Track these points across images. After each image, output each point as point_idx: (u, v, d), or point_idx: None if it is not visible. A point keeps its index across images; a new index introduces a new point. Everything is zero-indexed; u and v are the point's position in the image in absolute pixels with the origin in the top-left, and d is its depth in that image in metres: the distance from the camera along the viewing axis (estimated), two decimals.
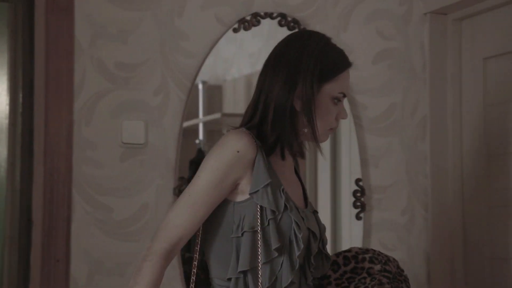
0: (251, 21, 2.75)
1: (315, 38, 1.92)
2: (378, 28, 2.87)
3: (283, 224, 1.84)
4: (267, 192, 1.84)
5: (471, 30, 2.85)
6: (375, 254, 1.99)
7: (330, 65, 1.88)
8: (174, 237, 1.82)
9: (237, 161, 1.83)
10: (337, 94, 1.89)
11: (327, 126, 1.91)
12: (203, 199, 1.83)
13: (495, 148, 2.77)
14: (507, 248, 2.69)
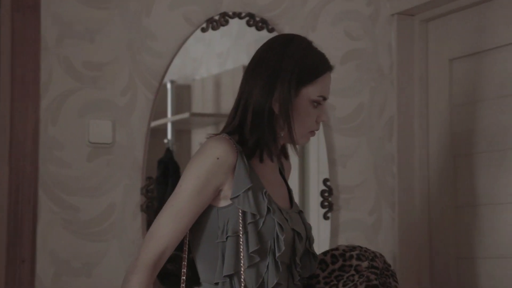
0: (220, 21, 2.75)
1: (295, 41, 1.94)
2: (346, 28, 2.89)
3: (266, 226, 1.87)
4: (248, 196, 1.86)
5: (438, 31, 2.88)
6: (362, 251, 2.01)
7: (309, 69, 1.90)
8: (160, 248, 1.85)
9: (217, 168, 1.86)
10: (316, 97, 1.91)
11: (307, 128, 1.93)
12: (186, 207, 1.86)
13: (461, 149, 2.79)
14: (473, 248, 2.72)
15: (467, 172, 2.75)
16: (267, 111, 1.89)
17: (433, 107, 2.90)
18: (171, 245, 1.86)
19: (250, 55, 3.09)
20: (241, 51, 3.10)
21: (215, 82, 3.16)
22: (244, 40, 3.05)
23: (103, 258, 2.56)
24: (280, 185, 2.00)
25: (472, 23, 2.74)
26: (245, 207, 1.86)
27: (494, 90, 2.68)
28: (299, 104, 1.91)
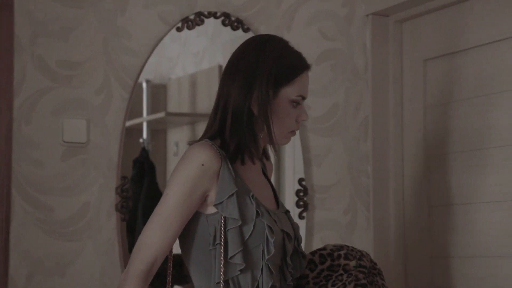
0: (195, 20, 2.74)
1: (272, 42, 1.94)
2: (321, 28, 2.90)
3: (256, 230, 1.87)
4: (232, 201, 1.86)
5: (412, 32, 2.90)
6: (349, 250, 2.02)
7: (286, 69, 1.91)
8: (149, 258, 1.85)
9: (202, 174, 1.86)
10: (295, 97, 1.92)
11: (287, 128, 1.94)
12: (173, 216, 1.86)
13: (435, 149, 2.81)
14: (447, 247, 2.73)
15: (441, 172, 2.77)
16: (246, 113, 1.89)
17: (408, 107, 2.92)
18: (161, 254, 1.87)
19: (226, 54, 3.12)
20: (217, 50, 3.10)
21: (191, 81, 3.16)
22: (220, 39, 3.06)
23: (78, 258, 2.55)
24: (265, 186, 2.00)
25: (446, 24, 2.75)
26: (228, 213, 1.86)
27: (468, 91, 2.70)
28: (278, 105, 1.91)
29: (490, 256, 2.58)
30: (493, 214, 2.58)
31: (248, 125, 1.90)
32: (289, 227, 1.96)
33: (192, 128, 3.15)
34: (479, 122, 2.65)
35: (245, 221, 1.87)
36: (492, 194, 2.59)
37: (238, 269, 1.86)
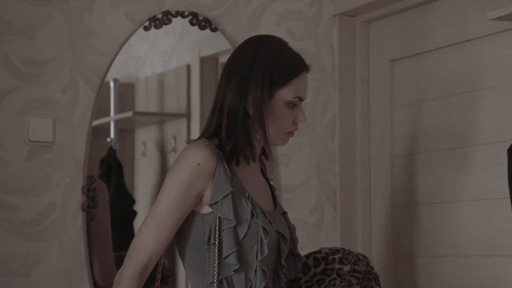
0: (162, 19, 2.74)
1: (268, 43, 1.95)
2: (289, 28, 2.90)
3: (251, 231, 1.88)
4: (227, 202, 1.87)
5: (379, 33, 2.91)
6: (345, 254, 2.01)
7: (282, 71, 1.91)
8: (144, 258, 1.86)
9: (198, 174, 1.86)
10: (291, 99, 1.92)
11: (284, 130, 1.95)
12: (169, 216, 1.86)
13: (401, 149, 2.83)
14: (412, 247, 2.75)
15: (407, 171, 2.79)
16: (241, 114, 1.90)
17: (375, 107, 2.93)
18: (156, 255, 1.87)
19: (194, 54, 3.12)
20: (185, 50, 3.10)
21: (159, 81, 3.15)
22: (188, 39, 3.05)
23: (43, 258, 2.53)
24: (262, 187, 2.01)
25: (412, 24, 2.77)
26: (222, 213, 1.87)
27: (434, 91, 2.72)
28: (274, 106, 1.92)
29: (457, 255, 2.60)
30: (458, 213, 2.60)
31: (243, 126, 1.91)
32: (285, 229, 1.97)
33: (160, 128, 3.14)
34: (445, 123, 2.67)
35: (239, 222, 1.88)
36: (457, 194, 2.61)
37: (232, 269, 1.87)
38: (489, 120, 2.51)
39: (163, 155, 3.11)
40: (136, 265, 1.86)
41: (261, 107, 1.90)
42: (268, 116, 1.92)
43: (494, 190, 2.46)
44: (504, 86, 2.47)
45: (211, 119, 1.95)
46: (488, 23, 2.38)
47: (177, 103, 3.10)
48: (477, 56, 2.55)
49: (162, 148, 3.12)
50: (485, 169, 2.51)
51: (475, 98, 2.57)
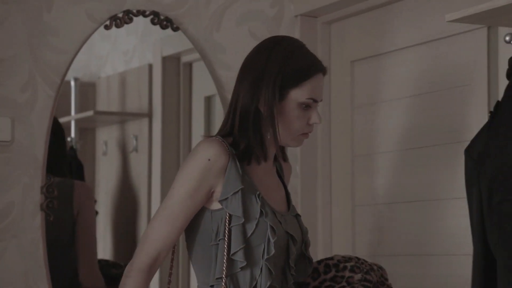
0: (123, 18, 2.72)
1: (283, 43, 1.96)
2: (251, 29, 2.91)
3: (259, 229, 1.88)
4: (237, 199, 1.88)
5: (340, 33, 2.93)
6: (357, 263, 1.98)
7: (295, 71, 1.91)
8: (153, 251, 1.88)
9: (209, 170, 1.88)
10: (304, 100, 1.92)
11: (297, 131, 1.94)
12: (179, 210, 1.88)
13: (362, 149, 2.85)
14: (372, 246, 2.77)
15: (367, 171, 2.81)
16: (252, 114, 1.91)
17: (335, 107, 2.95)
18: (165, 248, 1.89)
19: (156, 53, 3.11)
20: (147, 49, 3.09)
21: (121, 80, 3.14)
22: (150, 38, 3.05)
23: (1, 258, 2.50)
24: (277, 188, 2.00)
25: (373, 26, 2.79)
26: (231, 210, 1.88)
27: (394, 92, 2.74)
28: (286, 106, 1.92)
29: (416, 254, 2.62)
30: (418, 213, 2.63)
31: (254, 125, 1.92)
32: (296, 230, 1.96)
33: (121, 127, 3.13)
34: (405, 123, 2.69)
35: (248, 219, 1.88)
36: (417, 194, 2.63)
37: (239, 266, 1.88)
38: (448, 120, 2.54)
39: (124, 154, 3.10)
40: (145, 257, 1.88)
41: (272, 107, 1.90)
42: (281, 117, 1.92)
43: (452, 190, 2.48)
44: (462, 87, 2.50)
45: (227, 118, 1.97)
46: (446, 25, 2.41)
47: (139, 102, 3.09)
48: (436, 58, 2.58)
49: (123, 148, 3.11)
50: (444, 169, 2.54)
51: (434, 99, 2.60)
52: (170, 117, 3.01)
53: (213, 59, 2.83)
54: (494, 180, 1.86)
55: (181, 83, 3.06)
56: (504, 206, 1.82)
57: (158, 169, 3.01)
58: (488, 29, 2.40)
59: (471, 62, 2.45)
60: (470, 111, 2.46)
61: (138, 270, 1.88)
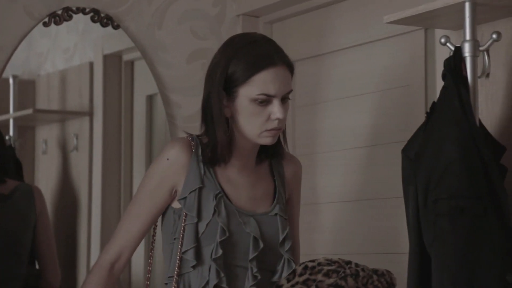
0: (63, 15, 2.68)
1: (235, 40, 1.94)
2: (193, 27, 2.90)
3: (210, 229, 1.89)
4: (194, 197, 1.90)
5: (282, 33, 2.94)
6: (339, 267, 1.88)
7: (241, 68, 1.88)
8: (115, 249, 1.92)
9: (167, 169, 1.91)
10: (255, 96, 1.88)
11: (259, 128, 1.90)
12: (139, 209, 1.93)
13: (303, 148, 2.86)
14: (313, 246, 2.79)
15: (309, 171, 2.82)
16: (209, 116, 1.94)
17: None
18: (127, 245, 1.92)
19: (97, 51, 3.08)
20: (88, 47, 3.06)
21: (61, 78, 3.10)
22: (91, 36, 3.01)
23: None
24: (251, 187, 1.97)
25: (314, 26, 2.81)
26: (187, 209, 1.89)
27: (335, 92, 2.76)
28: (240, 104, 1.90)
29: (356, 253, 2.64)
30: (359, 212, 2.65)
31: (211, 127, 1.93)
32: (269, 230, 1.94)
33: (61, 126, 3.09)
34: (346, 123, 2.71)
35: (201, 218, 1.90)
36: (358, 193, 2.65)
37: (190, 265, 1.89)
38: (388, 120, 2.57)
39: (64, 153, 3.06)
40: (106, 254, 1.91)
41: (220, 108, 1.90)
42: (239, 116, 1.90)
43: (391, 190, 2.51)
44: (401, 87, 2.53)
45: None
46: (385, 26, 2.43)
47: (80, 101, 3.06)
48: (375, 59, 2.60)
49: (63, 147, 3.07)
50: (384, 168, 2.56)
51: (373, 99, 2.62)
52: (111, 116, 2.98)
53: (154, 57, 2.82)
54: (429, 179, 1.88)
55: (122, 81, 3.03)
56: (439, 205, 1.85)
57: (99, 168, 2.99)
58: (426, 31, 2.43)
59: (409, 63, 2.48)
60: (409, 111, 2.49)
61: (99, 266, 1.91)
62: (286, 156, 2.08)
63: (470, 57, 1.95)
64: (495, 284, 1.78)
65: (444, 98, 1.93)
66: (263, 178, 2.01)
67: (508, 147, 2.00)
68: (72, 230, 3.02)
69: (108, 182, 2.94)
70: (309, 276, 1.86)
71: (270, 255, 1.95)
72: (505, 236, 1.82)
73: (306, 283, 1.85)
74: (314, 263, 1.90)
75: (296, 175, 2.09)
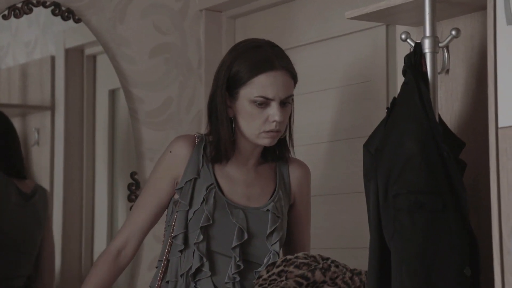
0: (22, 8, 2.66)
1: (239, 46, 2.05)
2: (155, 22, 2.89)
3: (196, 216, 2.01)
4: (189, 187, 2.02)
5: (245, 28, 2.94)
6: (313, 261, 1.96)
7: (243, 71, 1.99)
8: (122, 236, 2.07)
9: (170, 161, 2.06)
10: (253, 97, 1.98)
11: (257, 129, 2.01)
12: (144, 200, 2.08)
13: None
14: None
15: None
16: (213, 116, 2.03)
17: None
18: (134, 234, 2.07)
19: (58, 45, 3.05)
20: (49, 40, 3.03)
21: (22, 72, 3.06)
22: (52, 29, 2.98)
23: None
24: (248, 185, 2.07)
25: (277, 21, 2.82)
26: (181, 198, 2.03)
27: (297, 88, 2.74)
28: (241, 105, 2.00)
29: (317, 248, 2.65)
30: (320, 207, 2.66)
31: (215, 126, 2.03)
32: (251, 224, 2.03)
33: (22, 120, 3.06)
34: (308, 118, 2.72)
35: (191, 206, 2.02)
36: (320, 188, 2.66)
37: (178, 249, 2.02)
38: (350, 116, 2.58)
39: (26, 148, 3.03)
40: (114, 241, 2.07)
41: (222, 109, 2.01)
42: (240, 116, 2.01)
43: (353, 185, 2.53)
44: (363, 83, 2.55)
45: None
46: (347, 22, 2.44)
47: (41, 95, 3.03)
48: (337, 54, 2.62)
49: (24, 141, 3.04)
50: (346, 163, 2.58)
51: (335, 95, 2.64)
52: (73, 110, 2.96)
53: (116, 52, 2.80)
54: (390, 174, 1.90)
55: (84, 76, 3.01)
56: (399, 200, 1.86)
57: (61, 163, 2.96)
58: (387, 27, 2.45)
59: (371, 59, 2.50)
60: (370, 107, 2.51)
61: (106, 252, 2.07)
62: (293, 161, 2.17)
63: (430, 53, 1.96)
64: (453, 278, 1.80)
65: (404, 93, 1.95)
66: (263, 178, 2.11)
67: (467, 143, 2.02)
68: None
69: (70, 177, 2.92)
70: (283, 268, 1.94)
71: (257, 248, 2.04)
72: (463, 231, 1.84)
73: (279, 274, 1.94)
74: (292, 256, 1.98)
75: (302, 180, 2.18)
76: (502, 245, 1.70)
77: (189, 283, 2.00)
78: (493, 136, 1.73)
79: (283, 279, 1.95)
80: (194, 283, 2.00)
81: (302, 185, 2.17)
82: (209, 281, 2.00)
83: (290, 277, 1.94)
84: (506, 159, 1.70)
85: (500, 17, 1.72)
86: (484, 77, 2.01)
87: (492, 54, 1.74)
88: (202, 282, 2.00)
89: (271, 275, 1.97)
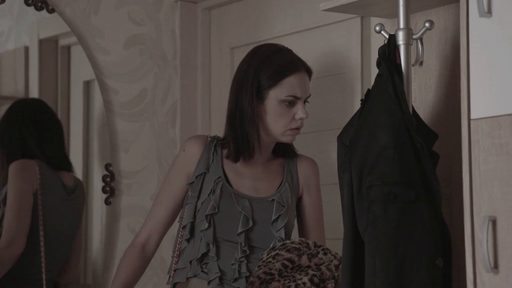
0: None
1: (262, 49, 2.17)
2: (130, 13, 2.87)
3: (204, 206, 2.13)
4: (199, 181, 2.15)
5: (220, 20, 2.93)
6: (305, 247, 2.08)
7: (271, 73, 2.13)
8: (144, 231, 2.21)
9: (183, 159, 2.19)
10: (283, 97, 2.13)
11: (284, 126, 2.15)
12: (161, 196, 2.21)
13: None
14: None
15: None
16: (237, 118, 2.13)
17: (216, 93, 2.96)
18: (155, 229, 2.20)
19: (32, 35, 3.03)
20: (23, 31, 3.00)
21: None
22: (26, 20, 2.96)
23: None
24: (256, 178, 2.19)
25: (252, 13, 2.81)
26: (192, 190, 2.15)
27: None
28: (270, 105, 2.13)
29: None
30: None
31: (241, 126, 2.13)
32: (261, 213, 2.14)
33: None
34: None
35: (199, 198, 2.15)
36: None
37: (185, 238, 2.15)
38: (325, 107, 2.59)
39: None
40: (139, 235, 2.21)
41: (253, 108, 2.12)
42: (267, 115, 2.14)
43: (328, 176, 2.53)
44: (337, 75, 2.55)
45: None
46: (322, 14, 2.45)
47: (15, 85, 3.01)
48: (312, 46, 2.62)
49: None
50: (320, 155, 2.59)
51: (311, 86, 2.64)
52: (47, 102, 2.94)
53: (91, 43, 2.79)
54: (363, 166, 1.90)
55: (59, 66, 2.99)
56: (372, 191, 1.87)
57: None
58: (362, 19, 2.45)
59: (346, 51, 2.50)
60: (345, 98, 2.51)
61: (131, 247, 2.21)
62: (301, 156, 2.29)
63: (404, 45, 1.97)
64: (425, 269, 1.81)
65: (378, 85, 1.95)
66: (271, 173, 2.22)
67: (440, 134, 2.04)
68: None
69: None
70: (278, 251, 2.07)
71: (262, 234, 2.14)
72: (436, 222, 1.86)
73: (274, 257, 2.06)
74: (288, 242, 2.10)
75: (309, 174, 2.28)
76: (474, 236, 1.71)
77: (197, 268, 2.12)
78: (466, 128, 1.74)
79: (275, 262, 2.05)
80: (200, 267, 2.12)
81: (310, 178, 2.26)
82: (215, 265, 2.11)
83: (279, 259, 2.05)
84: (478, 150, 1.72)
85: (473, 9, 1.73)
86: (457, 69, 2.02)
87: (465, 47, 1.75)
88: (208, 265, 2.12)
89: (268, 257, 2.08)
